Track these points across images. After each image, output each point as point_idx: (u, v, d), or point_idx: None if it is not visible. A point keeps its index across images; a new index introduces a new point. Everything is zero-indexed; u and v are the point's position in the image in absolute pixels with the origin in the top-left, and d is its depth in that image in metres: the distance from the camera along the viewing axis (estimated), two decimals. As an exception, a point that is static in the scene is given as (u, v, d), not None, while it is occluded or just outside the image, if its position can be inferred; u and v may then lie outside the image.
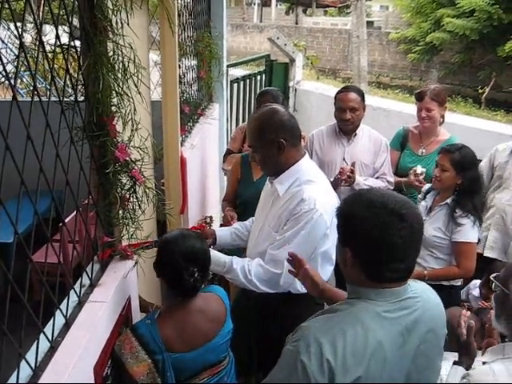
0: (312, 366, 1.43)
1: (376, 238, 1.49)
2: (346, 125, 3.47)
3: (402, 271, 1.52)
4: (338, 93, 3.55)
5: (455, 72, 17.70)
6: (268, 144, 2.29)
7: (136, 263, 2.20)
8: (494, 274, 1.86)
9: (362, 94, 3.50)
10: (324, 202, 2.26)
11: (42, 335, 1.54)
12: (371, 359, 1.46)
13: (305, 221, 2.23)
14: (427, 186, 3.41)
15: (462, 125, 5.18)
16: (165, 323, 2.04)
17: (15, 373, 1.40)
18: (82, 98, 1.76)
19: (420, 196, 3.43)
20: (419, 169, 3.47)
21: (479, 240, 3.28)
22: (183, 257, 2.04)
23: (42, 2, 1.39)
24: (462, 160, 3.01)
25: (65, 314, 1.71)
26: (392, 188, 3.53)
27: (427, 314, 1.58)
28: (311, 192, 2.25)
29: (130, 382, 1.94)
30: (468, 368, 1.89)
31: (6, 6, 1.18)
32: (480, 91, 15.62)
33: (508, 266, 1.83)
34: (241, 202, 3.34)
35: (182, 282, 2.03)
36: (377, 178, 3.53)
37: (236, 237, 2.70)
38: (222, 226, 3.43)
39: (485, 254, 3.64)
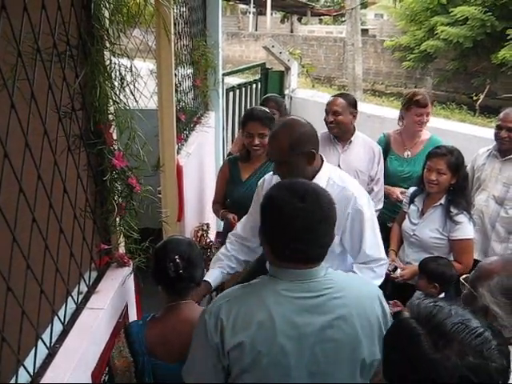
0: (210, 322, 1.62)
1: (277, 216, 1.63)
2: (331, 128, 3.52)
3: (301, 252, 1.61)
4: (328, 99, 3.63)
5: (450, 79, 17.83)
6: (299, 157, 2.29)
7: (132, 271, 2.21)
8: (464, 276, 1.88)
9: (351, 101, 3.55)
10: (367, 196, 2.45)
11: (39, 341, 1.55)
12: (259, 329, 1.57)
13: (371, 212, 2.40)
14: (411, 189, 3.44)
15: (456, 131, 5.20)
16: (153, 328, 2.04)
17: (13, 378, 1.41)
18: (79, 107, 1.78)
19: (405, 200, 3.46)
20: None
21: None
22: (165, 248, 2.07)
23: (40, 10, 1.40)
24: (456, 162, 3.08)
25: (63, 320, 1.72)
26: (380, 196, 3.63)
27: (337, 301, 1.63)
28: (355, 187, 2.38)
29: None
30: None
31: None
32: (474, 98, 15.73)
33: (478, 268, 1.84)
34: (232, 203, 3.37)
35: (165, 271, 2.00)
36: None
37: (227, 275, 2.64)
38: (225, 230, 3.47)
39: None
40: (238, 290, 1.75)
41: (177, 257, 2.00)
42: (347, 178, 2.46)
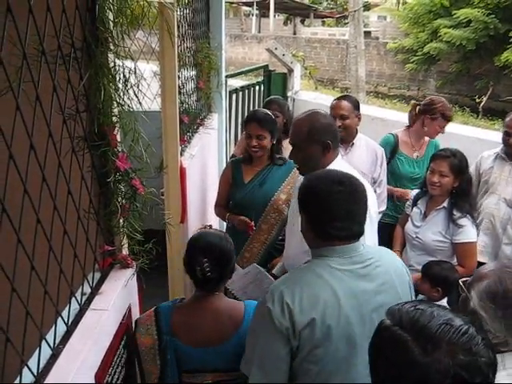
0: (275, 309, 1.72)
1: (318, 200, 1.84)
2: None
3: (345, 230, 1.81)
4: (332, 102, 3.61)
5: (452, 81, 17.81)
6: (315, 144, 2.44)
7: (136, 272, 2.22)
8: (464, 279, 1.89)
9: (355, 103, 3.55)
10: (370, 190, 2.47)
11: (43, 342, 1.55)
12: (325, 304, 1.72)
13: (374, 210, 2.44)
14: (414, 192, 3.45)
15: (459, 134, 5.20)
16: (178, 312, 2.18)
17: (17, 379, 1.41)
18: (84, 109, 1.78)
19: (408, 203, 3.47)
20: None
21: None
22: (196, 248, 2.18)
23: (45, 13, 1.41)
24: (459, 164, 3.09)
25: (66, 321, 1.72)
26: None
27: (381, 269, 1.85)
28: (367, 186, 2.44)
29: (133, 351, 2.17)
30: None
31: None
32: (477, 100, 15.70)
33: (475, 272, 1.87)
34: (234, 205, 3.39)
35: (194, 272, 2.12)
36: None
37: None
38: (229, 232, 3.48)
39: None
40: (291, 274, 1.92)
41: (205, 260, 2.09)
42: (360, 177, 2.49)
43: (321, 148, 2.44)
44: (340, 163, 2.53)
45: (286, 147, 3.71)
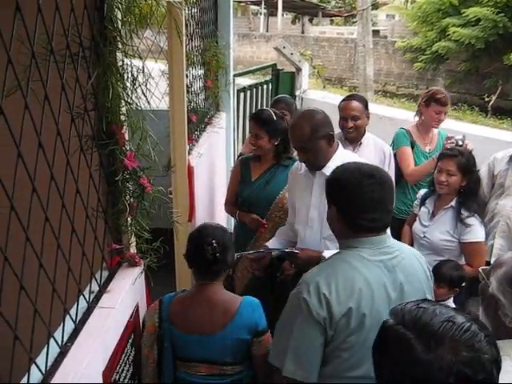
0: (312, 300, 1.75)
1: (350, 192, 1.87)
2: (349, 133, 3.51)
3: (376, 221, 1.85)
4: (341, 102, 3.60)
5: (461, 80, 17.70)
6: (320, 140, 2.53)
7: (143, 270, 2.23)
8: (484, 267, 1.90)
9: (364, 102, 3.54)
10: None
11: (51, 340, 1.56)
12: (360, 293, 1.76)
13: None
14: (422, 191, 3.44)
15: (468, 133, 5.16)
16: (178, 301, 2.26)
17: (26, 376, 1.42)
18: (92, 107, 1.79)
19: (416, 202, 3.46)
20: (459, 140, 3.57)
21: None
22: (202, 233, 2.26)
23: (54, 12, 1.42)
24: (467, 163, 3.08)
25: (74, 319, 1.73)
26: None
27: (405, 261, 1.89)
28: None
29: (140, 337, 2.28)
30: None
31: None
32: (486, 99, 15.62)
33: (495, 260, 1.87)
34: (242, 202, 3.40)
35: (202, 253, 2.17)
36: None
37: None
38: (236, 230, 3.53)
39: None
40: (324, 266, 1.94)
41: (214, 241, 2.16)
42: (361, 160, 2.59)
43: (326, 141, 2.55)
44: (345, 153, 2.65)
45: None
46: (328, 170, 2.47)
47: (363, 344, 1.75)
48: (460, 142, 3.52)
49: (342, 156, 2.58)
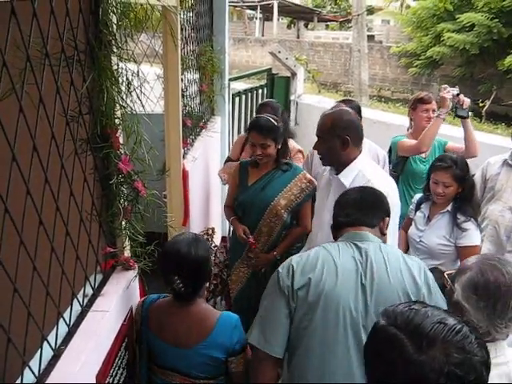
0: (283, 272, 1.95)
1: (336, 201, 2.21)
2: None
3: (350, 215, 2.09)
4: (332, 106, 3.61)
5: (456, 85, 17.74)
6: (335, 138, 2.58)
7: (137, 274, 2.22)
8: (449, 272, 1.91)
9: (355, 107, 3.55)
10: (391, 187, 2.59)
11: (45, 343, 1.56)
12: (323, 268, 1.90)
13: (394, 212, 2.46)
14: (417, 196, 3.45)
15: (462, 138, 5.20)
16: (157, 307, 2.25)
17: (19, 379, 1.42)
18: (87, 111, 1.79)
19: (412, 207, 3.48)
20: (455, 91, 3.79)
21: None
22: (166, 264, 2.16)
23: (49, 16, 1.42)
24: (461, 173, 3.09)
25: (68, 322, 1.73)
26: None
27: (380, 256, 1.94)
28: (381, 184, 2.46)
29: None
30: None
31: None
32: (480, 105, 15.68)
33: (460, 264, 1.89)
34: (237, 206, 3.40)
35: (169, 286, 2.15)
36: None
37: None
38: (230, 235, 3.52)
39: None
40: (306, 251, 2.12)
41: (176, 277, 2.11)
42: (379, 174, 2.66)
43: (340, 142, 2.57)
44: (364, 160, 2.67)
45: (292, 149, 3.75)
46: (344, 177, 2.61)
47: (323, 332, 1.84)
48: (455, 92, 3.74)
49: (361, 166, 2.61)
